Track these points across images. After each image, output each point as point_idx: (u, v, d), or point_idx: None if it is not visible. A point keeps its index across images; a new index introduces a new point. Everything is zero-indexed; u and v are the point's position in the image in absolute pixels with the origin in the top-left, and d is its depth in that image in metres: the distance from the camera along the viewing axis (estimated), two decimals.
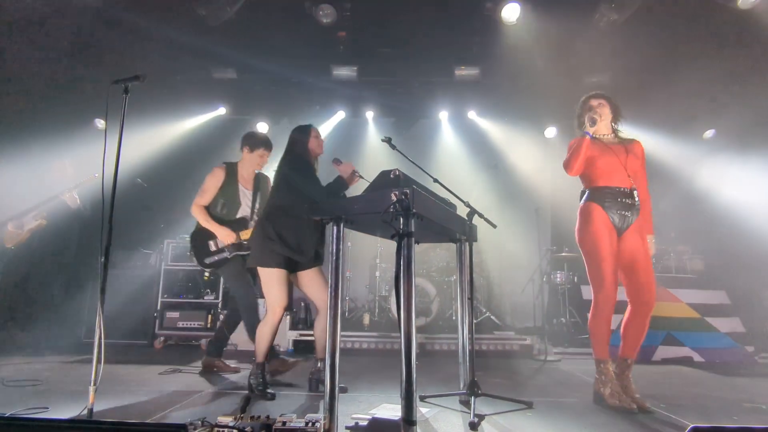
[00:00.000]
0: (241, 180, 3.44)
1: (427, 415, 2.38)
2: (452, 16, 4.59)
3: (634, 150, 2.78)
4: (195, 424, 1.84)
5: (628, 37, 4.54)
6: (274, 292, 2.74)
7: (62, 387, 2.85)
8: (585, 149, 2.70)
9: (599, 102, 2.84)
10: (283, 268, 2.75)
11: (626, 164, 2.70)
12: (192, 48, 4.89)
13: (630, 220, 2.67)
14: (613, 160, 2.71)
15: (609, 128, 2.86)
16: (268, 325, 2.79)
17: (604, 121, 2.81)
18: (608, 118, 2.84)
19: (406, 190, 1.92)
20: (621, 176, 2.69)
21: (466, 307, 2.73)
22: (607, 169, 2.72)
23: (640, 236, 2.67)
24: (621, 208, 2.67)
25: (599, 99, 2.86)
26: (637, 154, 2.77)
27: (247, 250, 3.00)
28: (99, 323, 2.07)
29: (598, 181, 2.74)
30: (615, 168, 2.71)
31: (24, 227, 4.27)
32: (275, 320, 2.78)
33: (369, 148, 6.45)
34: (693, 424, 1.64)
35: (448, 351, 4.54)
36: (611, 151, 2.73)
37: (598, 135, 2.82)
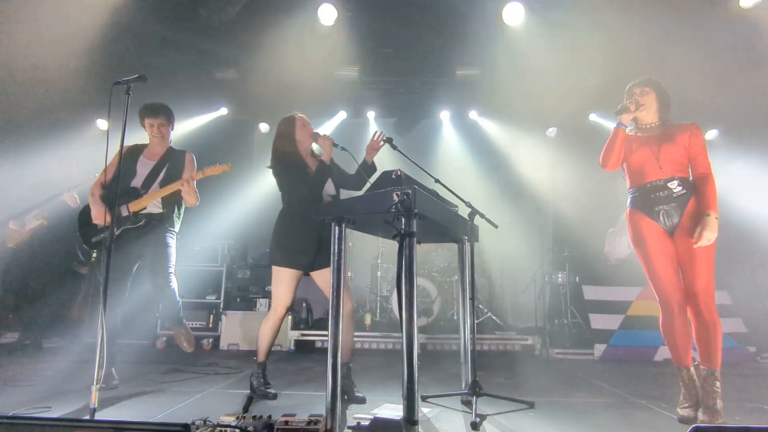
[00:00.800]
0: (145, 152, 3.14)
1: (428, 415, 2.38)
2: (453, 17, 4.59)
3: (678, 135, 2.48)
4: (197, 424, 1.84)
5: (629, 37, 4.53)
6: (277, 291, 2.73)
7: (65, 387, 2.86)
8: (619, 142, 2.51)
9: (642, 90, 2.59)
10: (291, 268, 2.71)
11: (659, 154, 2.45)
12: (193, 48, 4.91)
13: (674, 213, 2.41)
14: (645, 152, 2.49)
15: (655, 117, 2.59)
16: (270, 322, 2.76)
17: (647, 111, 2.57)
18: (653, 106, 2.57)
19: (408, 190, 1.92)
20: (653, 169, 2.46)
21: (468, 307, 2.73)
22: (639, 165, 2.51)
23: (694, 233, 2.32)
24: (658, 203, 2.43)
25: (643, 86, 2.60)
26: (681, 139, 2.46)
27: (137, 223, 2.93)
28: (101, 323, 2.08)
29: (634, 180, 2.56)
30: (646, 161, 2.48)
31: (25, 226, 4.27)
32: (276, 318, 2.75)
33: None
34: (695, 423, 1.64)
35: (450, 351, 4.54)
36: (645, 144, 2.51)
37: (643, 125, 2.60)
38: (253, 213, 6.16)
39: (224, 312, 4.89)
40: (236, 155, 6.50)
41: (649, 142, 2.50)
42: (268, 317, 2.78)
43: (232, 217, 5.70)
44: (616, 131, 2.52)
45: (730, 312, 4.65)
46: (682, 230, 2.38)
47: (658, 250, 2.41)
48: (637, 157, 2.52)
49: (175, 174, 3.07)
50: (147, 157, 3.10)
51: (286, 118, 2.94)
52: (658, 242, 2.42)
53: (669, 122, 2.59)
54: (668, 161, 2.44)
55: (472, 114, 6.35)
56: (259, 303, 4.94)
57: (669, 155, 2.45)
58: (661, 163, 2.44)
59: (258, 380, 2.78)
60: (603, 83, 5.52)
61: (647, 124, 2.60)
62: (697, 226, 2.29)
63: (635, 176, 2.55)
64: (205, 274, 5.19)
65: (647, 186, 2.48)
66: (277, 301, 2.74)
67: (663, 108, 2.59)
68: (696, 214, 2.36)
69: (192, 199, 3.03)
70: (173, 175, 3.06)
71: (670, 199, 2.41)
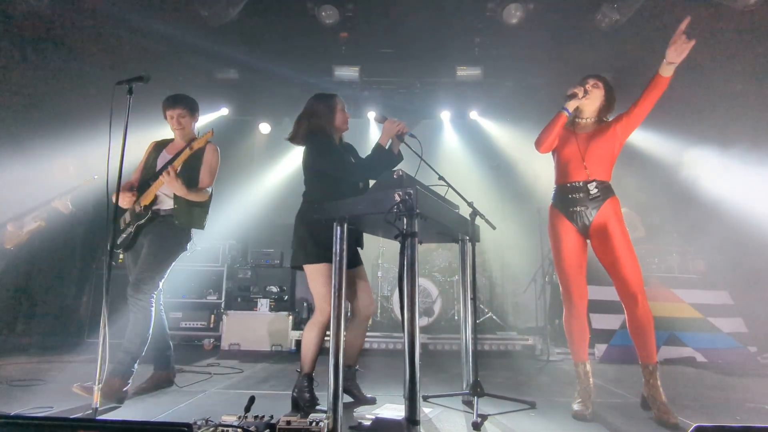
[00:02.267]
0: (168, 147, 3.01)
1: (430, 415, 2.38)
2: (454, 17, 4.59)
3: (607, 130, 2.52)
4: (199, 424, 1.84)
5: (629, 38, 4.54)
6: (320, 290, 2.42)
7: (66, 386, 2.86)
8: (559, 126, 2.52)
9: (595, 82, 2.60)
10: (328, 263, 2.38)
11: (586, 154, 2.49)
12: (194, 49, 4.91)
13: (588, 215, 2.47)
14: (573, 150, 2.53)
15: (594, 113, 2.61)
16: (317, 327, 2.44)
17: (590, 103, 2.58)
18: (597, 102, 2.59)
19: (410, 190, 1.92)
20: (577, 169, 2.50)
21: (469, 307, 2.74)
22: (565, 162, 2.56)
23: (615, 237, 2.40)
24: (574, 204, 2.49)
25: (597, 80, 2.61)
26: (610, 134, 2.51)
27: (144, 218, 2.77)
28: (103, 323, 2.08)
29: (558, 177, 2.62)
30: (572, 160, 2.52)
31: (23, 228, 4.26)
32: (324, 320, 2.43)
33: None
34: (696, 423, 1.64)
35: (451, 351, 4.54)
36: (574, 141, 2.54)
37: (580, 118, 2.62)
38: (254, 213, 6.16)
39: (225, 312, 4.89)
40: (237, 155, 6.54)
41: (579, 140, 2.55)
42: (315, 320, 2.45)
43: (233, 217, 5.70)
44: (558, 114, 2.53)
45: (731, 312, 4.65)
46: (598, 232, 2.46)
47: (569, 249, 2.51)
48: (565, 153, 2.57)
49: (195, 167, 2.89)
50: (168, 151, 2.98)
51: (326, 95, 2.69)
52: (570, 242, 2.51)
53: (604, 121, 2.62)
54: (593, 162, 2.49)
55: (472, 114, 6.35)
56: (260, 303, 4.95)
57: (595, 156, 2.50)
58: (586, 163, 2.49)
59: (302, 395, 2.44)
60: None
61: (584, 118, 2.63)
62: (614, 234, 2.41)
63: (560, 173, 2.61)
64: (205, 274, 5.20)
65: (567, 186, 2.54)
66: (321, 301, 2.42)
67: (605, 107, 2.61)
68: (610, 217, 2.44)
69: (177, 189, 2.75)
70: (192, 169, 2.87)
71: (586, 200, 2.48)
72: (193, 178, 2.89)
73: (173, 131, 3.00)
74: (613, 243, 2.41)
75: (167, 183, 2.73)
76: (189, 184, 2.81)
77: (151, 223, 2.81)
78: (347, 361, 2.56)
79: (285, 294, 5.10)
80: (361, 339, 2.69)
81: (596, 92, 2.58)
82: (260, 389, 2.95)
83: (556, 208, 2.59)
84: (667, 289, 4.71)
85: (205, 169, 2.94)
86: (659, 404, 2.31)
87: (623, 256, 2.38)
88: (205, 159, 2.95)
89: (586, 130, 2.60)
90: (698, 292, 4.73)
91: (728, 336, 4.50)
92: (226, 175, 3.18)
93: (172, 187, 2.75)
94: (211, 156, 2.97)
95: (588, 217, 2.48)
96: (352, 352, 2.64)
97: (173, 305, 4.96)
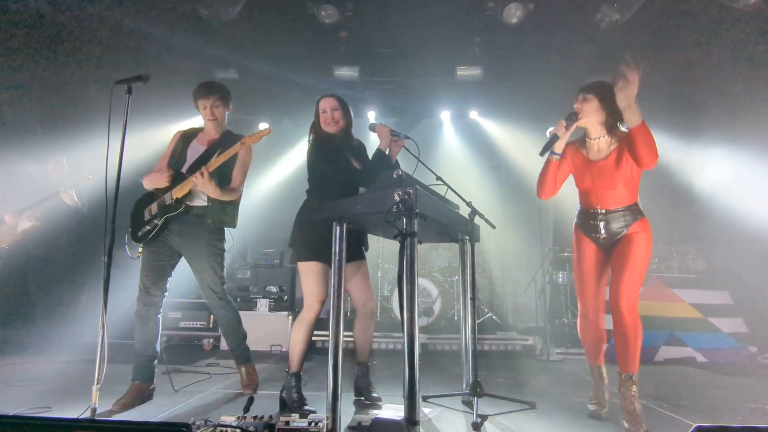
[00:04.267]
0: (199, 136, 2.87)
1: (429, 416, 2.37)
2: (454, 16, 4.59)
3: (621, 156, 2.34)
4: (198, 424, 1.84)
5: (629, 37, 4.53)
6: (307, 286, 2.47)
7: (65, 386, 2.86)
8: (552, 173, 2.44)
9: (583, 96, 2.37)
10: (318, 261, 2.46)
11: (598, 187, 2.38)
12: (194, 48, 4.90)
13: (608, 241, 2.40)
14: (587, 183, 2.43)
15: (601, 128, 2.39)
16: (304, 324, 2.48)
17: (589, 121, 2.38)
18: (596, 116, 2.36)
19: (410, 189, 1.92)
20: (593, 199, 2.43)
21: (469, 307, 2.73)
22: (583, 192, 2.50)
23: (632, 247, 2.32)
24: (593, 231, 2.43)
25: (585, 92, 2.38)
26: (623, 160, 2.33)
27: (175, 210, 2.63)
28: (102, 323, 2.08)
29: (580, 200, 2.55)
30: (587, 191, 2.45)
31: (18, 227, 4.25)
32: (310, 317, 2.46)
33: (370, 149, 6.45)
34: (696, 423, 1.64)
35: (451, 351, 4.54)
36: (587, 169, 2.43)
37: (590, 138, 2.44)
38: (253, 213, 6.15)
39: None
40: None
41: (593, 171, 2.40)
42: (302, 317, 2.49)
43: None
44: (547, 161, 2.44)
45: (731, 312, 4.64)
46: (620, 245, 2.37)
47: (590, 267, 2.46)
48: (581, 184, 2.49)
49: (229, 164, 2.73)
50: (199, 141, 2.82)
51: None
52: (592, 260, 2.46)
53: (619, 133, 2.37)
54: (606, 195, 2.38)
55: (472, 114, 6.35)
56: (260, 303, 4.94)
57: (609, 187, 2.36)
58: (599, 196, 2.40)
59: (290, 395, 2.45)
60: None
61: (594, 138, 2.42)
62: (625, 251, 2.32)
63: (581, 199, 2.54)
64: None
65: (589, 212, 2.46)
66: (310, 297, 2.46)
67: (610, 116, 2.35)
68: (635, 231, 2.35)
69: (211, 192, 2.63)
70: (225, 166, 2.71)
71: (602, 230, 2.40)
72: (226, 176, 2.74)
73: (206, 121, 2.84)
74: (629, 250, 2.31)
75: (200, 185, 2.58)
76: (221, 183, 2.67)
77: (181, 219, 2.66)
78: (359, 358, 2.69)
79: (284, 294, 5.09)
80: (365, 335, 2.67)
81: (589, 107, 2.36)
82: (259, 389, 2.95)
83: (579, 227, 2.54)
84: (668, 288, 4.71)
85: (239, 167, 2.79)
86: (630, 415, 2.18)
87: (631, 261, 2.28)
88: (240, 156, 2.77)
89: (600, 155, 2.41)
90: (698, 292, 4.73)
91: (728, 336, 4.49)
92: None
93: (204, 189, 2.62)
94: (245, 153, 2.80)
95: (605, 241, 2.42)
96: (359, 348, 2.69)
97: (173, 305, 4.94)
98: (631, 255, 2.30)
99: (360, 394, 2.65)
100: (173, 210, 2.63)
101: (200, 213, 2.69)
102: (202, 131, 2.88)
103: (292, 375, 2.49)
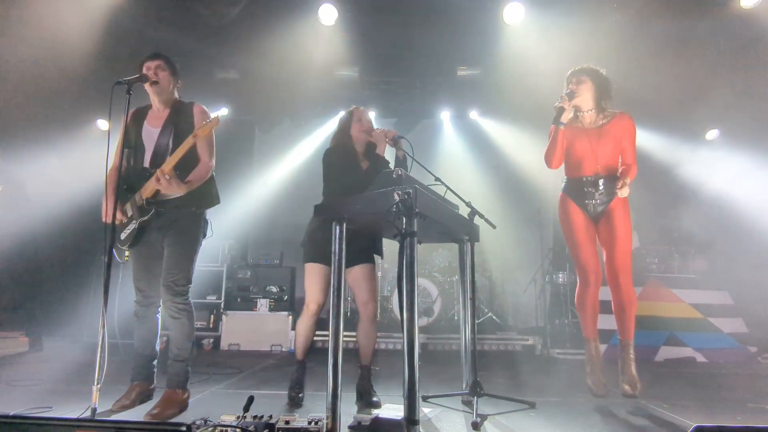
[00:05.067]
0: (148, 118, 2.57)
1: (429, 415, 2.38)
2: (454, 17, 4.59)
3: (614, 128, 2.68)
4: (198, 424, 1.84)
5: (630, 37, 4.53)
6: (307, 288, 2.63)
7: (65, 386, 2.86)
8: (560, 141, 2.67)
9: (578, 78, 2.72)
10: (319, 263, 2.59)
11: (597, 150, 2.67)
12: (194, 49, 4.90)
13: (598, 207, 2.69)
14: (584, 146, 2.70)
15: (591, 105, 2.73)
16: (302, 321, 2.67)
17: (582, 99, 2.71)
18: (589, 94, 2.70)
19: (409, 189, 1.92)
20: (590, 164, 2.69)
21: (469, 307, 2.73)
22: (578, 158, 2.73)
23: (618, 223, 2.64)
24: (588, 198, 2.70)
25: (580, 75, 2.73)
26: (616, 132, 2.68)
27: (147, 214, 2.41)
28: (102, 323, 2.08)
29: (570, 170, 2.80)
30: (584, 155, 2.70)
31: None
32: (308, 317, 2.64)
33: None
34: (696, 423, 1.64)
35: (451, 351, 4.54)
36: (584, 136, 2.71)
37: (581, 112, 2.74)
38: (253, 213, 6.16)
39: (225, 312, 4.89)
40: (237, 155, 6.54)
41: (589, 135, 2.70)
42: (301, 315, 2.70)
43: (232, 216, 5.69)
44: (556, 130, 2.67)
45: (731, 312, 4.64)
46: (606, 219, 2.68)
47: (583, 232, 2.70)
48: (576, 150, 2.74)
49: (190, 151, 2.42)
50: (151, 124, 2.54)
51: (347, 111, 2.87)
52: (583, 226, 2.72)
53: (606, 110, 2.73)
54: (604, 157, 2.69)
55: (472, 114, 6.35)
56: (260, 303, 4.95)
57: (605, 151, 2.68)
58: (598, 159, 2.68)
59: (291, 380, 2.71)
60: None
61: (585, 111, 2.75)
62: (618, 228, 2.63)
63: (573, 167, 2.77)
64: (205, 274, 5.18)
65: (582, 179, 2.72)
66: (308, 297, 2.63)
67: (601, 96, 2.71)
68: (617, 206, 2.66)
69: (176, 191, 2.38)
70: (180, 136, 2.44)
71: (596, 194, 2.69)
72: (192, 158, 2.47)
73: (151, 95, 2.56)
74: (615, 225, 2.64)
75: (164, 189, 2.33)
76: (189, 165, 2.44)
77: (159, 217, 2.44)
78: (362, 362, 2.71)
79: (285, 294, 5.09)
80: (367, 339, 2.68)
81: (583, 87, 2.70)
82: (259, 389, 2.95)
83: (569, 196, 2.78)
84: (667, 289, 4.71)
85: (202, 147, 2.50)
86: (628, 376, 2.53)
87: (620, 237, 2.62)
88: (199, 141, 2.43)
89: (594, 125, 2.73)
90: (698, 292, 4.73)
91: (728, 336, 4.49)
92: (225, 175, 3.13)
93: (170, 191, 2.37)
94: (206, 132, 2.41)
95: (598, 208, 2.69)
96: (361, 351, 2.72)
97: None
98: (620, 232, 2.63)
99: (361, 397, 2.65)
100: (146, 213, 2.42)
101: (178, 204, 2.46)
102: (151, 109, 2.61)
103: (296, 363, 2.74)
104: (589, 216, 2.72)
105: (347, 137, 2.77)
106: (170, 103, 2.61)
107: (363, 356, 2.71)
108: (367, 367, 2.69)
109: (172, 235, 2.44)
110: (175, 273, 2.40)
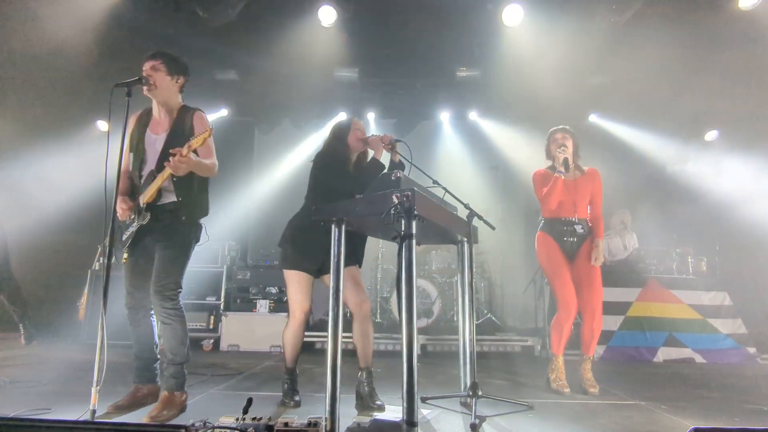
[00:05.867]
0: (150, 125, 2.55)
1: (428, 417, 2.38)
2: (453, 18, 4.60)
3: (587, 181, 3.16)
4: (197, 425, 1.84)
5: (629, 39, 4.54)
6: (291, 296, 2.64)
7: (65, 388, 2.86)
8: (559, 187, 3.06)
9: (564, 135, 3.18)
10: (301, 270, 2.59)
11: (575, 198, 3.11)
12: (194, 50, 4.90)
13: (575, 245, 3.12)
14: (564, 193, 3.11)
15: (571, 160, 3.18)
16: (289, 329, 2.68)
17: (568, 154, 3.14)
18: (571, 150, 3.15)
19: (408, 192, 1.92)
20: (568, 208, 3.12)
21: (468, 308, 2.73)
22: (556, 202, 3.11)
23: (590, 261, 3.08)
24: (566, 236, 3.13)
25: (564, 133, 3.18)
26: (589, 185, 3.15)
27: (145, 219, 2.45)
28: (102, 324, 2.08)
29: (547, 212, 3.19)
30: (564, 201, 3.11)
31: None
32: (294, 324, 2.65)
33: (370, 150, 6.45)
34: (694, 425, 1.64)
35: (450, 352, 4.54)
36: (563, 185, 3.11)
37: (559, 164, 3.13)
38: (253, 214, 6.16)
39: (224, 313, 4.89)
40: (237, 156, 6.53)
41: (568, 185, 3.13)
42: (288, 324, 2.69)
43: (232, 217, 5.70)
44: (556, 179, 3.07)
45: (730, 313, 4.64)
46: (581, 258, 3.12)
47: (564, 268, 3.10)
48: (556, 195, 3.10)
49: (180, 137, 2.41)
50: (153, 130, 2.53)
51: (343, 120, 2.91)
52: (563, 263, 3.12)
53: (578, 165, 3.23)
54: (581, 206, 3.15)
55: (472, 115, 6.35)
56: (260, 304, 4.95)
57: (581, 199, 3.14)
58: (576, 206, 3.13)
59: (283, 386, 2.70)
60: (603, 84, 5.53)
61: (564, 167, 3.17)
62: (593, 253, 3.09)
63: (551, 210, 3.15)
64: (205, 275, 5.18)
65: (562, 219, 3.15)
66: (293, 306, 2.63)
67: (576, 154, 3.23)
68: (589, 252, 3.11)
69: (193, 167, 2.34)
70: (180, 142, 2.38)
71: (575, 234, 3.13)
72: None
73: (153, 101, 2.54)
74: (590, 269, 3.09)
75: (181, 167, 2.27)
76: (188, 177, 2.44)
77: (155, 222, 2.47)
78: (360, 363, 2.62)
79: (284, 295, 5.08)
80: (365, 339, 2.62)
81: (569, 143, 3.17)
82: (259, 391, 2.95)
83: (549, 234, 3.17)
84: (667, 290, 4.71)
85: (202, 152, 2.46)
86: (591, 381, 3.02)
87: (597, 276, 3.08)
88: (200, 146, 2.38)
89: (572, 176, 3.17)
90: (697, 293, 4.73)
91: (727, 337, 4.50)
92: (225, 176, 3.12)
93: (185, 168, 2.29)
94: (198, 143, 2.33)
95: (574, 246, 3.14)
96: (360, 353, 2.63)
97: None
98: (596, 271, 3.09)
99: (361, 400, 2.56)
100: (144, 218, 2.46)
101: (172, 209, 2.47)
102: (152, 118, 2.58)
103: (286, 370, 2.72)
104: (565, 253, 3.12)
105: (343, 145, 2.76)
106: (173, 107, 2.57)
107: (363, 358, 2.61)
108: (367, 369, 2.60)
109: (163, 240, 2.45)
110: (164, 278, 2.39)
